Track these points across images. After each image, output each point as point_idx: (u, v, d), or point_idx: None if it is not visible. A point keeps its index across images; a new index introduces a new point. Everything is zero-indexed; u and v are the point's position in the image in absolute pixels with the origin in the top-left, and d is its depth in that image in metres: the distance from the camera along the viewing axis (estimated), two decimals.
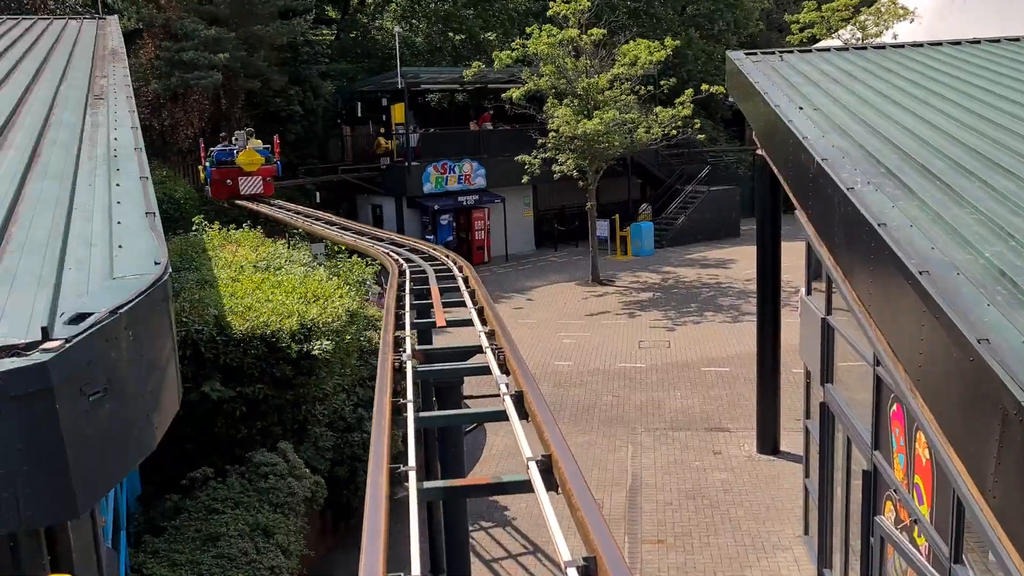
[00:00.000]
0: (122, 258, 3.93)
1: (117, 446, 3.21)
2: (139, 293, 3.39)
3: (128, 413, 3.28)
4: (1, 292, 3.57)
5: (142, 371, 3.39)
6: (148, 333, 3.47)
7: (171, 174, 27.01)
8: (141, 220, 4.41)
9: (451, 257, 11.23)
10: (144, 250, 3.99)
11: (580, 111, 26.57)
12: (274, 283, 12.92)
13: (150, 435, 3.41)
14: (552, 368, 19.56)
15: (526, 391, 4.47)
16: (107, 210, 4.69)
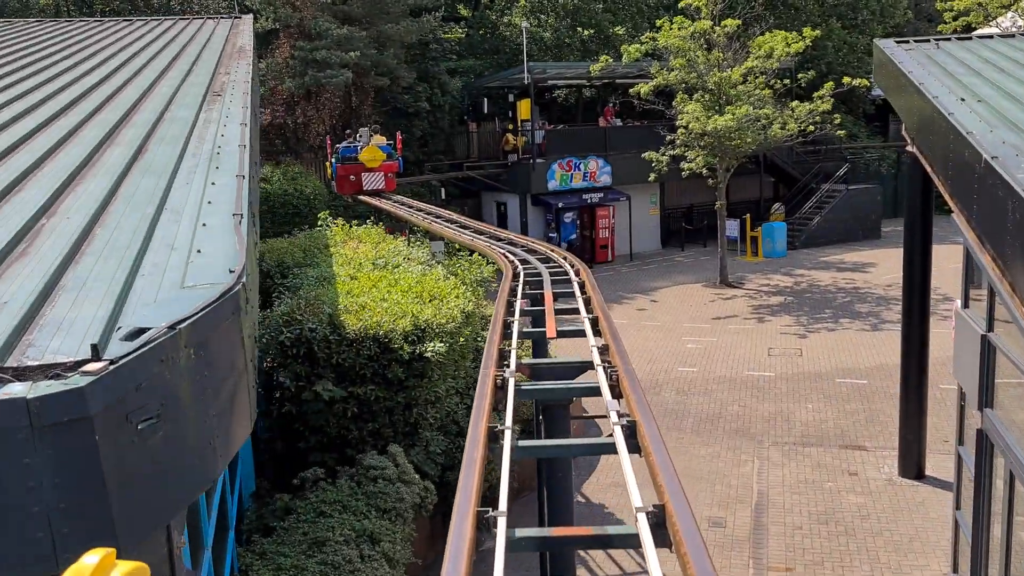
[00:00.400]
0: (198, 264, 3.63)
1: (172, 478, 2.88)
2: (204, 306, 3.06)
3: (186, 441, 2.95)
4: (66, 300, 3.32)
5: (205, 393, 3.05)
6: (214, 350, 3.14)
7: (303, 170, 27.62)
8: (227, 222, 4.12)
9: (568, 260, 10.72)
10: (223, 256, 3.68)
11: (711, 106, 25.53)
12: (391, 281, 12.77)
13: (212, 464, 3.08)
14: (675, 374, 18.78)
15: (640, 421, 3.92)
16: (197, 210, 4.44)
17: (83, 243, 4.01)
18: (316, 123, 27.58)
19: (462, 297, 12.28)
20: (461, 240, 13.00)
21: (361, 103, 29.70)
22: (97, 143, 6.16)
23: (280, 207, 25.78)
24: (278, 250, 16.07)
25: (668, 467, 3.45)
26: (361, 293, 12.17)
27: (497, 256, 11.04)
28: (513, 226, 32.13)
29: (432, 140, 33.59)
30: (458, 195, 34.14)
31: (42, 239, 4.06)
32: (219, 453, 3.14)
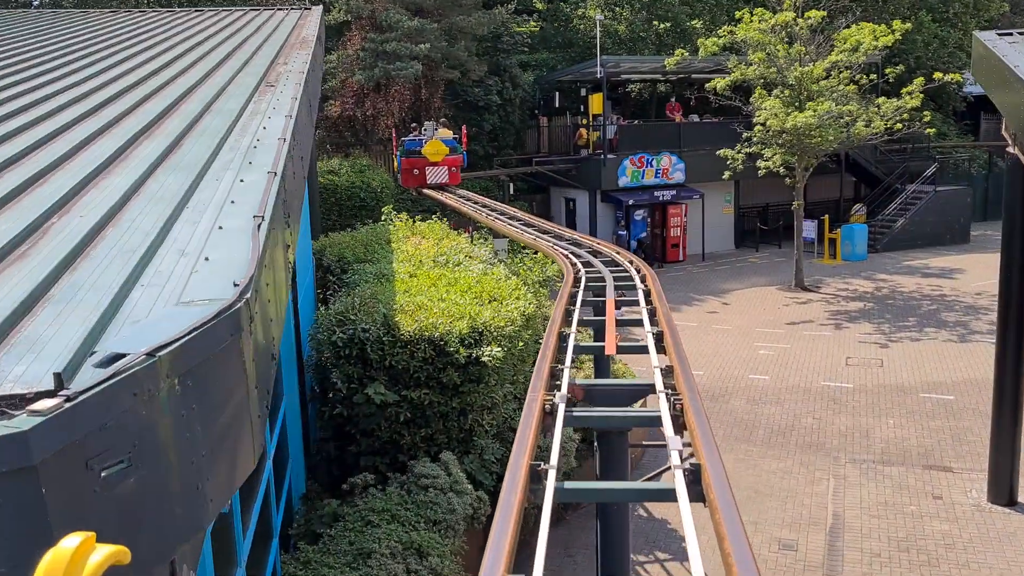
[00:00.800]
0: (202, 275, 3.21)
1: (148, 530, 2.45)
2: (191, 329, 2.63)
3: (166, 487, 2.52)
4: (49, 313, 2.93)
5: (193, 430, 2.62)
6: (206, 379, 2.70)
7: (371, 163, 27.50)
8: (246, 226, 3.70)
9: (635, 264, 10.12)
10: (232, 265, 3.26)
11: (791, 103, 24.48)
12: (450, 280, 12.36)
13: (201, 511, 2.65)
14: (746, 382, 17.97)
15: (706, 465, 3.36)
16: (218, 211, 4.04)
17: (88, 245, 3.64)
18: (385, 116, 27.40)
19: (523, 298, 11.80)
20: (524, 239, 12.51)
21: (431, 96, 29.43)
22: (134, 135, 5.85)
23: (347, 200, 25.70)
24: (339, 244, 15.83)
25: (736, 529, 2.88)
26: (419, 292, 11.80)
27: (559, 257, 10.50)
28: (582, 223, 31.54)
29: (502, 134, 33.17)
30: (526, 190, 33.67)
31: (47, 240, 3.70)
32: (211, 498, 2.70)
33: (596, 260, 10.54)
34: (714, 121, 32.91)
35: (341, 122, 27.63)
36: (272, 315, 3.69)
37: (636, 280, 8.96)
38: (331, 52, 29.71)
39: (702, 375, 18.35)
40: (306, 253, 14.50)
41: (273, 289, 3.80)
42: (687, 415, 4.17)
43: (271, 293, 3.74)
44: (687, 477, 3.35)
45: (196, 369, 2.66)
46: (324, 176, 25.67)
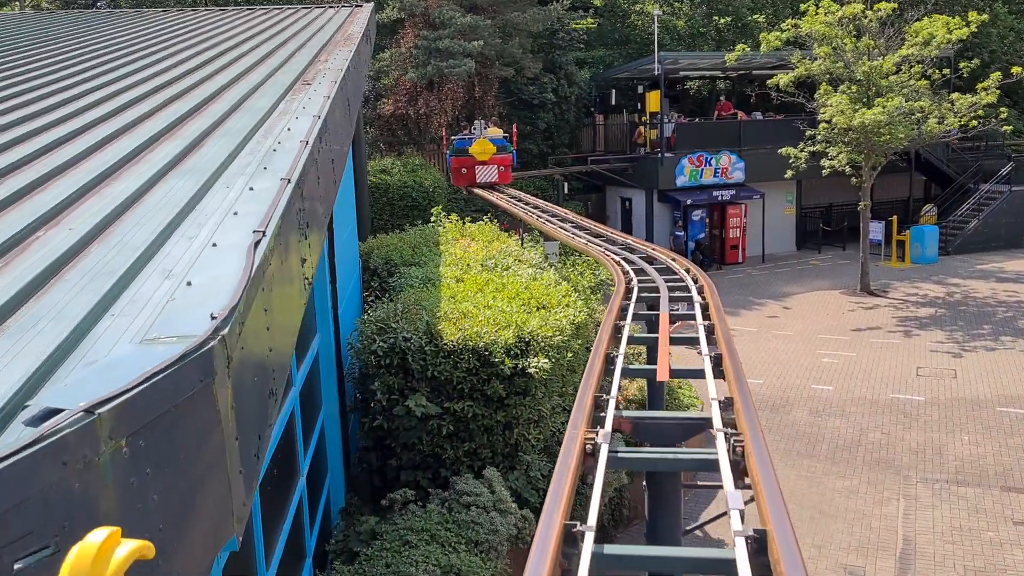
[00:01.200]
0: (179, 303, 2.76)
1: None
2: (144, 378, 2.17)
3: None
4: (3, 344, 2.51)
5: (145, 501, 2.16)
6: (167, 436, 2.24)
7: (423, 162, 27.18)
8: (241, 243, 3.25)
9: (691, 272, 9.50)
10: (217, 292, 2.80)
11: (858, 99, 23.44)
12: (497, 286, 11.89)
13: None
14: (809, 392, 17.14)
15: (772, 533, 2.79)
16: (218, 223, 3.60)
17: (66, 264, 3.22)
18: (438, 114, 27.06)
19: (573, 305, 11.26)
20: (574, 244, 11.96)
21: (485, 94, 29.01)
22: (152, 136, 5.49)
23: (399, 200, 25.42)
24: (387, 246, 15.47)
25: None
26: (465, 298, 11.35)
27: (610, 264, 9.92)
28: (638, 224, 30.84)
29: (557, 132, 32.62)
30: (581, 190, 33.07)
31: (25, 257, 3.30)
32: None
33: (650, 267, 9.94)
34: (776, 119, 31.86)
35: (394, 120, 27.38)
36: (270, 345, 3.23)
37: (692, 291, 8.36)
38: (384, 50, 29.50)
39: (761, 383, 17.59)
40: (352, 255, 14.17)
41: (274, 314, 3.34)
42: (749, 461, 3.59)
43: (271, 319, 3.28)
44: (750, 546, 2.79)
45: (153, 425, 2.20)
46: (376, 175, 25.44)
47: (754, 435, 3.85)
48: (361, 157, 18.77)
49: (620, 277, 9.23)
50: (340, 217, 12.40)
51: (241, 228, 3.46)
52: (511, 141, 25.28)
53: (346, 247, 13.29)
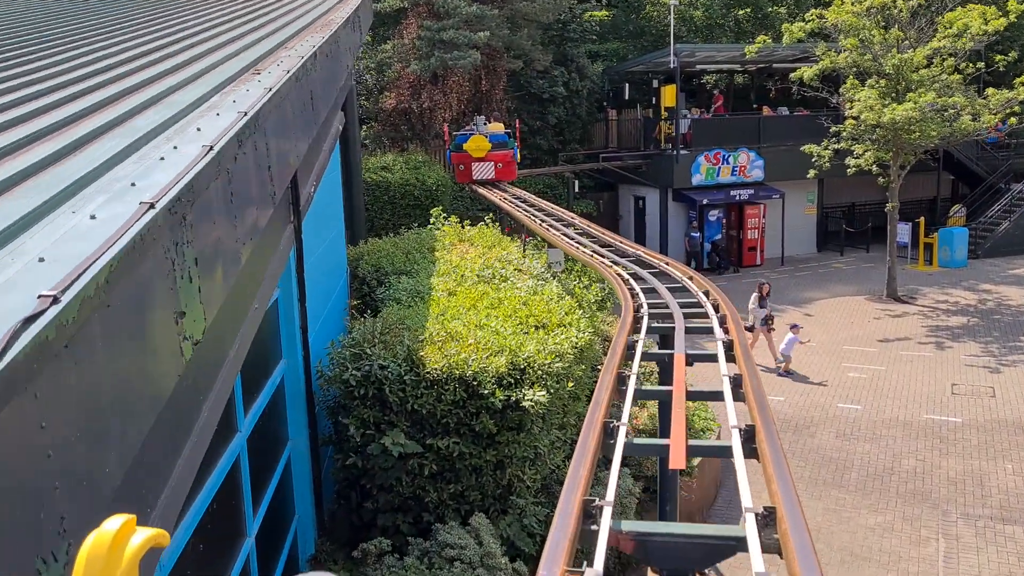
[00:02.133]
0: None
1: None
2: None
3: None
4: None
5: None
6: None
7: (427, 159, 25.95)
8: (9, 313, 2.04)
9: (711, 296, 8.25)
10: None
11: (887, 94, 22.05)
12: (493, 301, 10.68)
13: None
14: (834, 412, 15.84)
15: None
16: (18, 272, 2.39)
17: None
18: (442, 108, 25.83)
19: (576, 323, 10.04)
20: (578, 255, 10.73)
21: (492, 87, 27.76)
22: (29, 136, 4.30)
23: (400, 198, 24.22)
24: (378, 252, 14.29)
25: None
26: (456, 315, 10.15)
27: (616, 285, 8.66)
28: (652, 223, 29.55)
29: (568, 128, 31.32)
30: (593, 187, 31.79)
31: None
32: None
33: (662, 287, 8.68)
34: (798, 114, 30.46)
35: (397, 115, 26.17)
36: (161, 348, 2.03)
37: (713, 322, 7.10)
38: (386, 40, 28.31)
39: (782, 401, 16.31)
40: (337, 263, 12.99)
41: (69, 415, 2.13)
42: None
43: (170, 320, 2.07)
44: None
45: None
46: (376, 173, 24.25)
47: (806, 564, 2.62)
48: (354, 154, 17.58)
49: (628, 302, 7.96)
50: (321, 222, 11.23)
51: (29, 287, 2.25)
52: (514, 137, 24.35)
53: (329, 254, 12.13)
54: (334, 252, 12.62)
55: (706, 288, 8.38)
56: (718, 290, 8.05)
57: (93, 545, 1.62)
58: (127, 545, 1.64)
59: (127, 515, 1.67)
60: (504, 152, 23.25)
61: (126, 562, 1.63)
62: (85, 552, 1.62)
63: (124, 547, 1.64)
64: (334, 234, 12.61)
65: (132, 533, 1.66)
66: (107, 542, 1.62)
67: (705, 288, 8.39)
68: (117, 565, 1.62)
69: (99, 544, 1.62)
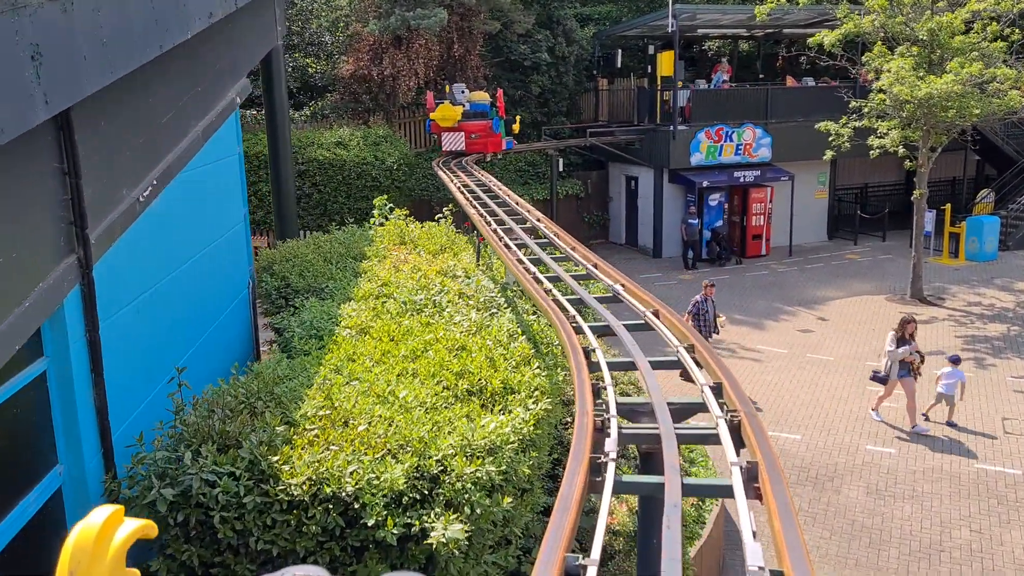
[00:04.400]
0: None
1: None
2: None
3: None
4: None
5: None
6: None
7: (389, 133, 22.77)
8: None
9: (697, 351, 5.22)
10: None
11: (920, 64, 18.91)
12: (417, 347, 7.68)
13: None
14: (863, 456, 12.88)
15: None
16: None
17: None
18: (407, 75, 22.59)
19: (529, 385, 7.05)
20: (531, 292, 7.63)
21: (466, 52, 24.51)
22: None
23: (356, 179, 21.13)
24: (291, 260, 11.23)
25: None
26: (360, 370, 7.17)
27: (572, 361, 5.55)
28: (645, 208, 26.47)
29: (553, 99, 28.12)
30: (582, 166, 28.68)
31: None
32: None
33: (643, 363, 5.62)
34: (811, 87, 27.26)
35: (356, 83, 22.93)
36: None
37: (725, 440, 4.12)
38: None
39: (799, 440, 13.36)
40: (235, 277, 9.93)
41: None
42: None
43: None
44: None
45: None
46: (329, 149, 21.13)
47: None
48: (282, 130, 14.44)
49: (581, 388, 4.87)
50: (192, 227, 8.18)
51: None
52: (496, 107, 22.15)
53: (211, 272, 9.09)
54: (230, 260, 9.55)
55: (707, 355, 5.35)
56: (732, 380, 5.03)
57: (79, 537, 1.59)
58: (114, 537, 1.61)
59: (114, 506, 1.64)
60: (481, 123, 21.51)
61: (112, 554, 1.59)
62: (71, 544, 1.58)
63: (111, 539, 1.60)
64: (222, 240, 9.56)
65: (119, 524, 1.63)
66: (93, 534, 1.58)
67: (706, 355, 5.37)
68: (103, 557, 1.58)
69: (85, 536, 1.58)
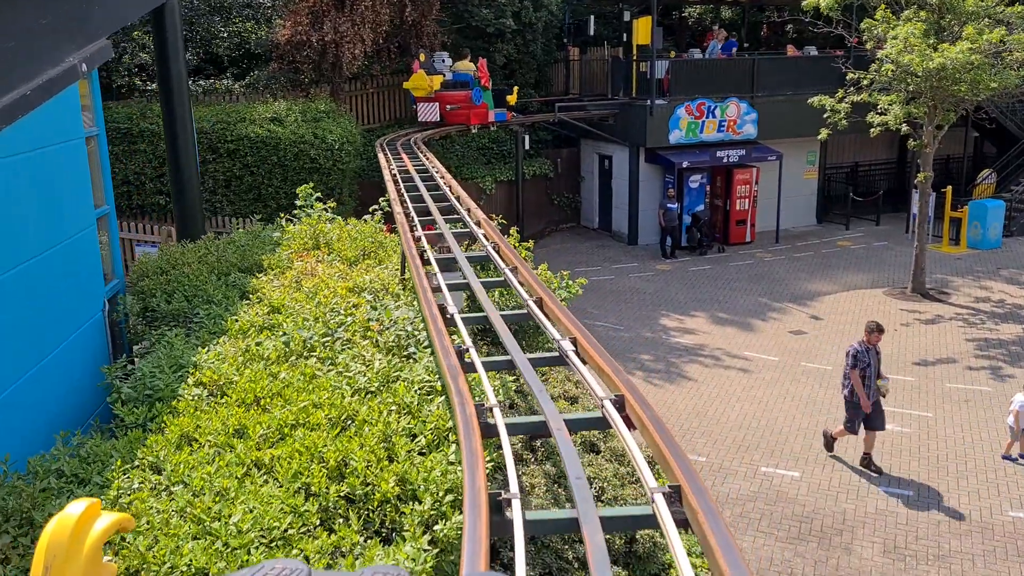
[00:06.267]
0: None
1: None
2: None
3: None
4: None
5: None
6: None
7: (332, 108, 20.24)
8: None
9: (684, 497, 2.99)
10: None
11: (930, 30, 16.68)
12: (284, 422, 5.41)
13: None
14: (876, 502, 10.74)
15: None
16: None
17: None
18: (352, 42, 20.04)
19: (447, 470, 4.81)
20: (432, 335, 5.31)
21: (422, 17, 21.97)
22: None
23: (292, 160, 18.63)
24: (167, 272, 8.83)
25: None
26: (193, 466, 4.89)
27: (464, 453, 3.23)
28: (620, 190, 24.18)
29: (519, 70, 25.68)
30: (552, 142, 26.31)
31: None
32: None
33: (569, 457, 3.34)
34: (800, 56, 24.97)
35: (294, 50, 20.37)
36: None
37: None
38: None
39: (798, 478, 11.22)
40: (88, 294, 7.55)
41: None
42: None
43: None
44: None
45: None
46: (262, 126, 18.59)
47: None
48: (179, 105, 11.96)
49: (479, 521, 2.57)
50: None
51: None
52: (478, 76, 21.24)
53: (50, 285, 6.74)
54: (52, 286, 7.15)
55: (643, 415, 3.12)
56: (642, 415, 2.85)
57: (55, 530, 1.56)
58: (91, 530, 1.59)
59: (91, 499, 1.62)
60: (460, 93, 20.86)
61: (89, 547, 1.57)
62: (47, 536, 1.57)
63: (88, 532, 1.58)
64: (57, 250, 7.16)
65: (96, 517, 1.61)
66: (69, 526, 1.56)
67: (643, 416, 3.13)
68: (80, 550, 1.55)
69: (61, 529, 1.56)
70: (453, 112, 21.08)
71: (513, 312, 5.89)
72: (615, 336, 16.70)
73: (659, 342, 16.46)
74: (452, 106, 21.09)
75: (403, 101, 24.23)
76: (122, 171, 18.45)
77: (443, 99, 21.12)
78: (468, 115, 21.05)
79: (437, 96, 21.18)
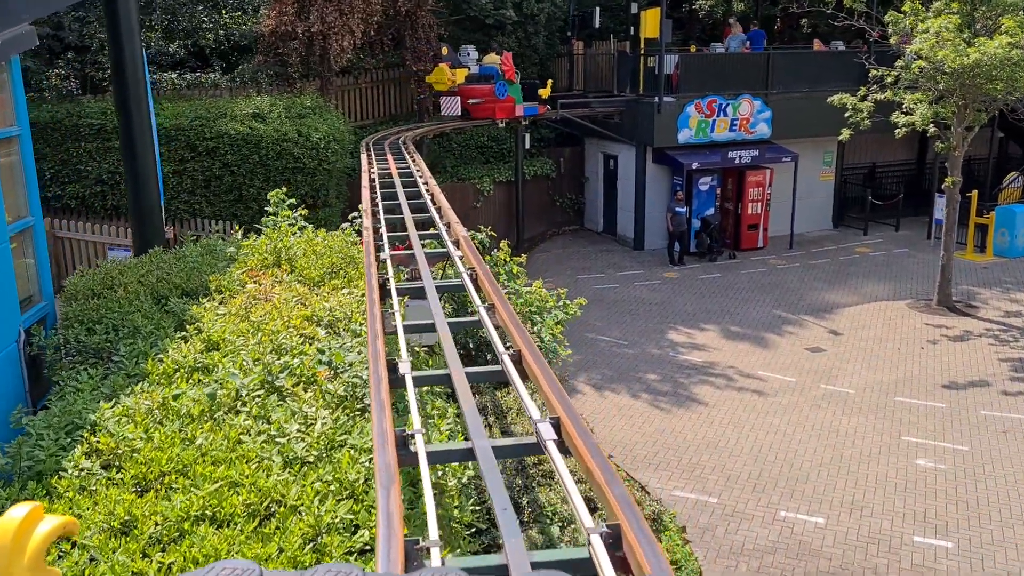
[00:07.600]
0: None
1: None
2: None
3: None
4: None
5: None
6: None
7: (320, 103, 19.02)
8: None
9: None
10: None
11: (964, 26, 15.38)
12: (185, 513, 4.19)
13: None
14: (909, 554, 9.48)
15: None
16: None
17: None
18: (340, 34, 18.82)
19: None
20: (381, 398, 4.12)
21: (416, 7, 20.75)
22: None
23: (274, 159, 17.42)
24: (100, 296, 7.62)
25: None
26: None
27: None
28: (625, 191, 22.94)
29: (521, 64, 24.35)
30: (554, 141, 25.04)
31: None
32: None
33: None
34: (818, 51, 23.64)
35: (279, 42, 19.16)
36: None
37: None
38: None
39: (822, 527, 9.97)
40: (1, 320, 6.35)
41: None
42: None
43: None
44: None
45: None
46: (244, 123, 17.39)
47: None
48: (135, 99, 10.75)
49: None
50: None
51: None
52: (502, 70, 20.55)
53: None
54: None
55: None
56: None
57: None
58: (33, 534, 1.55)
59: (33, 503, 1.58)
60: (483, 87, 20.28)
61: (32, 551, 1.53)
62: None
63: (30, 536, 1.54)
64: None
65: (39, 521, 1.58)
66: (11, 530, 1.53)
67: None
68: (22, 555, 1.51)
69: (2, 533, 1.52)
70: (476, 106, 20.35)
71: (484, 370, 4.67)
72: (619, 353, 15.46)
73: (666, 359, 15.22)
74: (475, 100, 20.32)
75: (398, 96, 23.04)
76: (95, 170, 17.32)
77: (465, 93, 20.35)
78: (494, 109, 20.30)
79: (460, 90, 20.43)
